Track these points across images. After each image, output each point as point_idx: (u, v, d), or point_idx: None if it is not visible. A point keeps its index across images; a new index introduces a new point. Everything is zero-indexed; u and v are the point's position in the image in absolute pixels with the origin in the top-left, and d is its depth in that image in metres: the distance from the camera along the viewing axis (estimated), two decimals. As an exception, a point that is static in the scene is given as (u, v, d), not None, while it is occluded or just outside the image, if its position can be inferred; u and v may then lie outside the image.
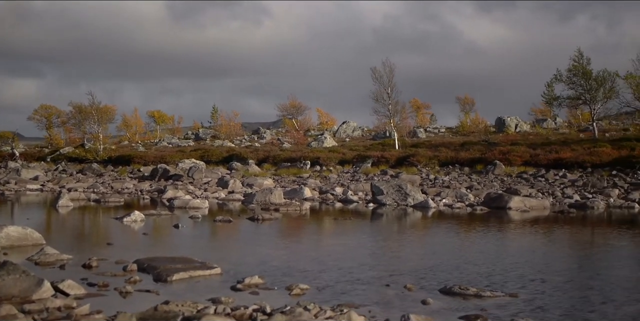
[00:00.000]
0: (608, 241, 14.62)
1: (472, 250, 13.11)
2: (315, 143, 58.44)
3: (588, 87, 50.74)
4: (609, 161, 34.86)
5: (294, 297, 7.83)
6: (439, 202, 23.70)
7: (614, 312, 7.20)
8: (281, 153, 47.73)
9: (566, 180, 31.23)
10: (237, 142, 67.84)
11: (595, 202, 23.42)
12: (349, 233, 16.15)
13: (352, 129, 74.13)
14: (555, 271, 10.00)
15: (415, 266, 10.33)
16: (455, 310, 7.21)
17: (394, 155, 42.28)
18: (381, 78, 54.35)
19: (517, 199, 22.78)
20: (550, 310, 7.29)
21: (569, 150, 38.68)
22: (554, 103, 57.09)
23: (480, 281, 8.96)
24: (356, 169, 39.71)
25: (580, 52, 51.70)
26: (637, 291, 8.54)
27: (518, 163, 36.87)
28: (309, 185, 30.32)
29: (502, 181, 32.02)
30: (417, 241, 14.82)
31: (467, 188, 29.31)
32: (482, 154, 39.60)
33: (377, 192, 24.66)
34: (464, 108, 77.33)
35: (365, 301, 7.58)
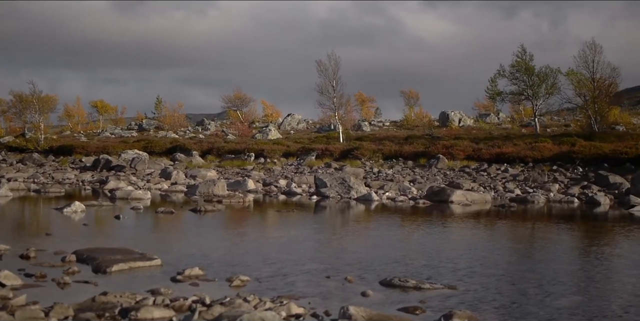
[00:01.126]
0: (547, 235, 14.84)
1: (413, 242, 13.21)
2: (259, 135, 58.26)
3: (530, 82, 51.47)
4: (550, 156, 35.39)
5: (234, 289, 7.80)
6: (382, 195, 23.84)
7: (550, 304, 7.29)
8: (225, 145, 47.49)
9: (508, 175, 31.64)
10: (181, 133, 67.33)
11: (536, 196, 23.78)
12: (292, 226, 16.15)
13: (297, 122, 74.09)
14: (494, 264, 10.12)
15: (356, 259, 10.36)
16: (394, 302, 7.24)
17: (339, 148, 42.35)
18: (326, 71, 54.38)
19: (459, 193, 23.02)
20: (488, 302, 7.37)
21: (511, 145, 39.15)
22: (497, 98, 57.91)
23: (420, 273, 9.01)
24: (300, 162, 39.72)
25: (523, 48, 52.44)
26: (573, 284, 8.68)
27: (461, 157, 37.22)
28: (253, 177, 30.26)
29: (445, 175, 32.31)
30: (359, 234, 14.87)
31: (410, 181, 29.52)
32: (425, 148, 39.88)
33: (321, 184, 24.71)
34: (408, 102, 77.82)
35: (305, 293, 7.58)
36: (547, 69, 51.77)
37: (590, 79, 49.50)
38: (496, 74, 55.17)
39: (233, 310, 6.32)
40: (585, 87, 49.68)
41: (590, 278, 9.21)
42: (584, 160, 33.84)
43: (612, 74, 49.98)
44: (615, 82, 50.58)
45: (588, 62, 49.36)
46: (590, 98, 49.30)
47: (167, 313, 6.42)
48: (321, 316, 6.54)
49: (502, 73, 53.84)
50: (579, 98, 50.80)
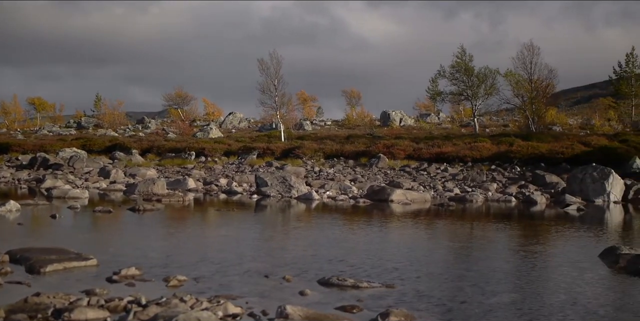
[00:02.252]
0: (485, 234, 15.01)
1: (353, 241, 13.23)
2: (200, 133, 57.97)
3: (470, 83, 52.15)
4: (488, 156, 35.83)
5: (171, 288, 7.73)
6: (322, 194, 23.87)
7: (485, 302, 7.38)
8: (166, 143, 47.07)
9: (447, 174, 31.92)
10: (121, 131, 66.62)
11: (475, 195, 24.04)
12: (232, 225, 16.09)
13: (239, 120, 73.92)
14: (432, 263, 10.21)
15: (295, 258, 10.35)
16: (332, 301, 7.25)
17: (280, 147, 42.29)
18: (268, 69, 54.24)
19: (399, 192, 23.16)
20: (425, 300, 7.42)
21: (450, 144, 39.50)
22: (437, 98, 58.46)
23: (359, 272, 9.04)
24: (241, 160, 39.54)
25: (463, 49, 53.14)
26: (508, 281, 8.79)
27: (401, 156, 37.44)
28: (193, 176, 30.04)
29: (386, 174, 32.46)
30: (299, 233, 14.86)
31: (351, 180, 29.60)
32: (366, 147, 40.02)
33: (262, 183, 24.65)
34: (350, 102, 78.26)
35: (243, 293, 7.54)
36: (486, 69, 52.55)
37: (528, 80, 50.33)
38: (437, 74, 55.78)
39: (169, 310, 6.26)
40: (523, 88, 50.49)
41: (526, 276, 9.33)
42: (521, 159, 34.33)
43: (549, 76, 50.97)
44: (552, 83, 51.57)
45: (526, 64, 50.24)
46: (528, 99, 50.10)
47: (102, 314, 6.33)
48: (258, 315, 6.52)
49: (442, 73, 54.47)
50: (517, 99, 51.64)
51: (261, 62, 54.65)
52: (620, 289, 8.55)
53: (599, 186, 24.83)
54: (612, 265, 9.95)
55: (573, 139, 39.37)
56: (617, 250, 10.44)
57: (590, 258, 10.69)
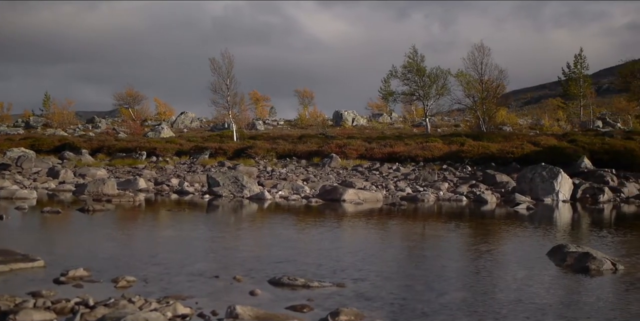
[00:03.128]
0: (436, 233, 15.10)
1: (304, 241, 13.23)
2: (152, 133, 57.52)
3: (422, 83, 52.53)
4: (440, 155, 36.11)
5: (119, 289, 7.63)
6: (275, 194, 23.83)
7: (435, 300, 7.42)
8: (116, 143, 46.57)
9: (399, 174, 32.07)
10: (71, 131, 65.78)
11: (426, 194, 24.20)
12: (183, 225, 15.96)
13: (191, 120, 73.52)
14: (383, 262, 10.24)
15: (246, 258, 10.31)
16: (282, 300, 7.23)
17: (232, 147, 42.13)
18: (220, 69, 53.98)
19: (352, 191, 23.22)
20: (376, 299, 7.44)
21: (402, 144, 39.70)
22: (389, 98, 58.82)
23: (310, 271, 9.03)
24: (193, 160, 39.28)
25: (414, 49, 53.44)
26: (458, 280, 8.85)
27: (354, 156, 37.53)
28: (144, 176, 29.77)
29: (338, 174, 32.50)
30: (250, 233, 14.80)
31: (303, 180, 29.59)
32: (319, 147, 40.04)
33: (213, 183, 24.54)
34: (303, 102, 78.35)
35: (193, 293, 7.48)
36: (438, 70, 52.99)
37: (479, 81, 50.79)
38: (389, 75, 56.17)
39: (117, 311, 6.18)
40: (474, 88, 50.96)
41: (476, 274, 9.40)
42: (472, 159, 34.65)
43: (500, 76, 51.54)
44: (502, 83, 52.16)
45: (477, 64, 50.71)
46: (479, 100, 50.58)
47: (48, 316, 6.23)
48: (208, 316, 6.47)
49: (394, 73, 54.87)
50: (468, 99, 52.11)
51: (213, 61, 54.39)
52: (568, 287, 8.66)
53: (548, 185, 25.17)
54: (559, 263, 10.08)
55: (523, 139, 39.84)
56: (564, 248, 10.58)
57: (539, 257, 10.82)
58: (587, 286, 8.69)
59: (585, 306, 7.39)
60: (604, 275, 9.35)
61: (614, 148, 34.09)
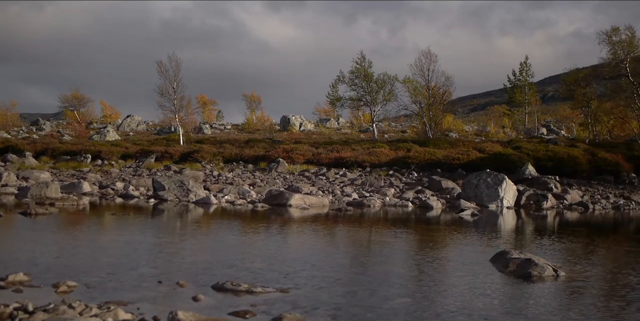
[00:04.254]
0: (381, 239, 15.15)
1: (249, 246, 13.16)
2: (97, 136, 56.88)
3: (369, 89, 52.72)
4: (386, 161, 36.31)
5: (60, 294, 7.50)
6: (221, 199, 23.72)
7: (378, 306, 7.43)
8: (61, 145, 45.91)
9: (346, 179, 32.16)
10: (14, 133, 64.71)
11: (372, 200, 24.30)
12: (127, 229, 15.79)
13: (137, 123, 72.84)
14: (328, 268, 10.23)
15: (190, 263, 10.23)
16: (225, 306, 7.17)
17: (178, 151, 41.83)
18: (167, 72, 53.61)
19: (298, 197, 23.22)
20: (319, 305, 7.42)
21: (349, 149, 39.82)
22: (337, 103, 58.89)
23: (254, 277, 8.98)
24: (139, 164, 38.92)
25: (362, 55, 53.62)
26: (402, 286, 8.88)
27: (301, 161, 37.56)
28: (89, 180, 29.44)
29: (285, 178, 32.47)
30: (195, 237, 14.69)
31: (250, 185, 29.51)
32: (266, 152, 39.98)
33: (159, 187, 24.35)
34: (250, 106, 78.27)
35: (134, 298, 7.38)
36: (385, 76, 53.27)
37: (426, 87, 51.19)
38: (336, 80, 56.22)
39: (57, 316, 6.08)
40: (421, 94, 51.38)
41: (420, 280, 9.45)
42: (418, 165, 34.93)
43: (446, 83, 52.04)
44: (449, 90, 52.68)
45: (424, 71, 51.17)
46: (426, 106, 51.00)
47: (-15, 322, 6.10)
48: (149, 321, 6.40)
49: (342, 79, 54.95)
50: (415, 105, 52.47)
51: (160, 64, 54.01)
52: (510, 293, 8.75)
53: (493, 191, 25.47)
54: (502, 269, 10.18)
55: (469, 145, 40.26)
56: (507, 254, 10.69)
57: (482, 263, 10.92)
58: (528, 293, 8.79)
59: (526, 312, 7.47)
60: (545, 281, 9.47)
61: (558, 155, 34.65)
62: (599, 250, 14.21)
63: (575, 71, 50.98)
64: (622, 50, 45.34)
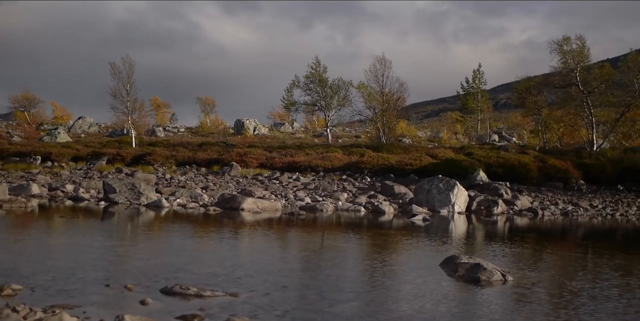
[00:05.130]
0: (332, 243, 15.16)
1: (200, 250, 13.09)
2: (48, 138, 56.08)
3: (324, 94, 52.75)
4: (340, 166, 36.35)
5: (4, 298, 7.36)
6: (172, 202, 23.56)
7: (328, 310, 7.42)
8: (10, 146, 45.15)
9: (299, 183, 32.13)
10: (-38, 133, 63.56)
11: (325, 204, 24.31)
12: (75, 232, 15.60)
13: (89, 125, 72.01)
14: (278, 272, 10.19)
15: (140, 266, 10.12)
16: (173, 310, 7.10)
17: (131, 153, 41.42)
18: (120, 74, 52.95)
19: (250, 200, 23.14)
20: (269, 309, 7.39)
21: (303, 154, 39.77)
22: (291, 108, 58.86)
23: (204, 280, 8.92)
24: (90, 166, 38.47)
25: (317, 60, 53.66)
26: (352, 290, 8.88)
27: (254, 165, 37.42)
28: (38, 182, 29.03)
29: (238, 182, 32.34)
30: (145, 241, 14.55)
31: (202, 188, 29.35)
32: (219, 155, 39.76)
33: (110, 190, 24.10)
34: (204, 109, 77.85)
35: (81, 302, 7.28)
36: (340, 81, 53.34)
37: (380, 93, 51.36)
38: (291, 84, 56.24)
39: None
40: (375, 100, 51.51)
41: (371, 284, 9.47)
42: (372, 170, 35.03)
43: (400, 89, 52.20)
44: (403, 96, 52.84)
45: (378, 76, 51.24)
46: (380, 111, 51.14)
47: None
48: (95, 325, 6.31)
49: (297, 83, 54.95)
50: (369, 110, 52.58)
51: (113, 65, 53.35)
52: (458, 297, 8.79)
53: (445, 197, 25.63)
54: (451, 273, 10.24)
55: (422, 151, 40.48)
56: (456, 259, 10.75)
57: (432, 267, 10.97)
58: (477, 297, 8.85)
59: (474, 316, 7.52)
60: (493, 285, 9.54)
61: (509, 162, 35.00)
62: (547, 256, 14.38)
63: (527, 79, 51.49)
64: (572, 59, 45.98)
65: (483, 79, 65.02)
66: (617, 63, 48.14)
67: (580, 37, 46.73)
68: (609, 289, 9.60)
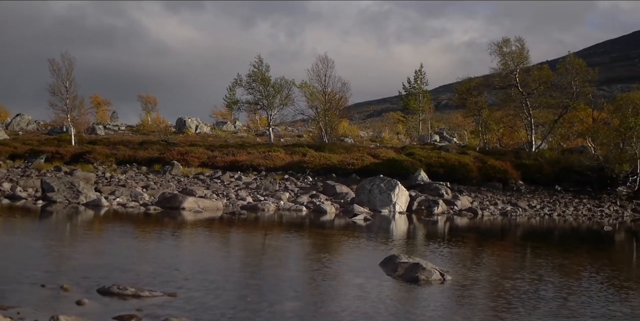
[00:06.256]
0: (273, 243, 15.16)
1: (139, 250, 12.96)
2: (-16, 135, 54.95)
3: (266, 93, 52.58)
4: (282, 165, 36.29)
5: None
6: (112, 201, 23.29)
7: (266, 310, 7.41)
8: (-55, 144, 44.20)
9: (241, 183, 31.99)
10: None
11: (267, 204, 24.28)
12: (11, 232, 15.33)
13: (27, 122, 70.74)
14: (218, 271, 10.15)
15: (77, 266, 9.98)
16: (110, 310, 7.02)
17: (70, 151, 40.79)
18: (59, 71, 52.07)
19: (191, 200, 22.99)
20: (207, 308, 7.35)
21: (245, 153, 39.58)
22: (234, 107, 58.60)
23: (143, 281, 8.83)
24: (28, 164, 37.81)
25: (260, 59, 53.46)
26: (291, 290, 8.89)
27: (196, 164, 37.14)
28: (-26, 180, 28.44)
29: (179, 181, 32.09)
30: (83, 240, 14.35)
31: (143, 187, 29.06)
32: (160, 154, 39.37)
33: (48, 188, 23.72)
34: (146, 107, 77.04)
35: (15, 303, 7.14)
36: (282, 80, 53.22)
37: (322, 92, 51.42)
38: (234, 83, 56.03)
39: None
40: (318, 99, 51.54)
41: (310, 284, 9.49)
42: (314, 169, 35.04)
43: (343, 88, 52.30)
44: (345, 96, 52.94)
45: (320, 76, 51.25)
46: (322, 111, 51.19)
47: None
48: (29, 327, 6.20)
49: (239, 82, 54.74)
50: (312, 110, 52.60)
51: (52, 62, 52.44)
52: (397, 296, 8.86)
53: (386, 197, 25.79)
54: (391, 273, 10.30)
55: (363, 151, 40.61)
56: (396, 258, 10.83)
57: (372, 267, 11.02)
58: (415, 296, 8.93)
59: (412, 315, 7.58)
60: (432, 285, 9.63)
61: (449, 162, 35.34)
62: (485, 255, 14.57)
63: (468, 80, 51.98)
64: (512, 61, 46.67)
65: (425, 80, 65.52)
66: (556, 65, 49.01)
67: (519, 39, 47.45)
68: (546, 288, 9.77)
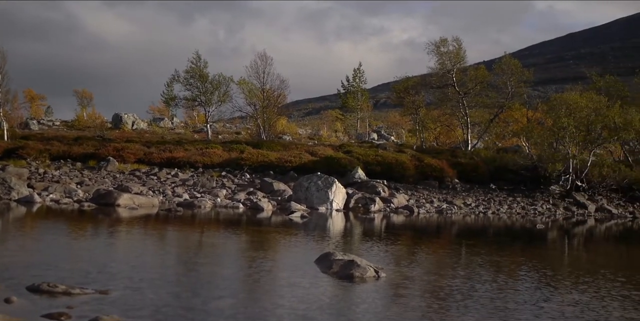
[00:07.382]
0: (208, 240, 15.08)
1: (71, 247, 12.77)
2: None
3: (204, 89, 52.21)
4: (219, 162, 36.07)
5: None
6: (45, 197, 22.91)
7: (200, 307, 7.36)
8: None
9: (178, 179, 31.74)
10: None
11: (203, 201, 24.14)
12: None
13: (-42, 117, 69.19)
14: (151, 269, 10.05)
15: (6, 264, 9.77)
16: (40, 308, 6.89)
17: (2, 147, 39.88)
18: (-9, 64, 51.07)
19: (127, 196, 22.75)
20: (140, 306, 7.27)
21: (182, 149, 39.25)
22: (171, 103, 58.09)
23: (74, 278, 8.69)
24: (-42, 159, 36.96)
25: (198, 55, 53.08)
26: (226, 287, 8.85)
27: (132, 160, 36.71)
28: None
29: (115, 178, 31.69)
30: (13, 237, 14.08)
31: (77, 183, 28.63)
32: (96, 150, 38.79)
33: (-22, 184, 23.23)
34: (81, 102, 75.89)
35: (-60, 301, 6.98)
36: (221, 76, 52.91)
37: (261, 89, 51.32)
38: (171, 79, 55.46)
39: None
40: (256, 96, 51.41)
41: (245, 281, 9.46)
42: (251, 167, 34.93)
43: (281, 86, 52.26)
44: (283, 93, 52.92)
45: (259, 73, 51.12)
46: (260, 108, 51.09)
47: None
48: (-46, 325, 6.06)
49: (177, 78, 54.21)
50: (250, 107, 52.45)
51: (-16, 55, 51.35)
52: (332, 293, 8.88)
53: (323, 194, 25.86)
54: (326, 270, 10.31)
55: (301, 149, 40.61)
56: (331, 255, 10.85)
57: (307, 264, 11.02)
58: (350, 293, 8.96)
59: (346, 312, 7.61)
60: (367, 282, 9.67)
61: (387, 160, 35.57)
62: (420, 252, 14.71)
63: (406, 79, 52.38)
64: (449, 60, 47.23)
65: (363, 78, 65.92)
66: (492, 65, 49.75)
67: (456, 39, 48.01)
68: (479, 285, 9.88)
